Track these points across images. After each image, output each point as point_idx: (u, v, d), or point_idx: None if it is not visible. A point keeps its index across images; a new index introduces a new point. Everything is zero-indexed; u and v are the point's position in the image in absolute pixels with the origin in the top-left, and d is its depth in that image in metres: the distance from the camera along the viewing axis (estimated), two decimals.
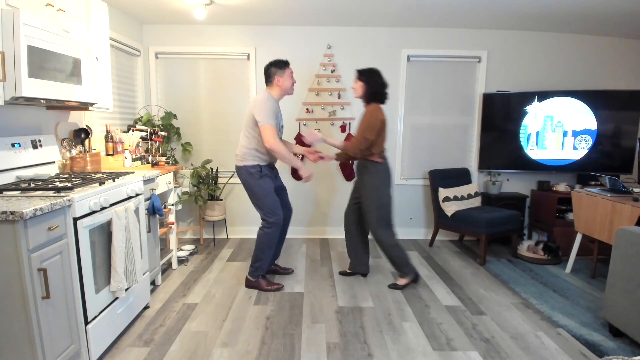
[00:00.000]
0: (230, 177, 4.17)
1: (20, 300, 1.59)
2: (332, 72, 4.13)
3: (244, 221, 4.36)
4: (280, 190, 3.10)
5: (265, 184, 2.89)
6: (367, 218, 3.01)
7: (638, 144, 3.92)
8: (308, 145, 3.46)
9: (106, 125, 3.13)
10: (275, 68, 2.85)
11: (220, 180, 4.16)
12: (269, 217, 2.90)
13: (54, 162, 2.51)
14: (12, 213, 1.52)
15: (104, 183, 2.16)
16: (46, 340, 1.68)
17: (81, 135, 2.82)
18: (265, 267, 3.00)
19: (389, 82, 4.18)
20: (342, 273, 3.30)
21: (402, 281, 3.05)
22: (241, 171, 2.91)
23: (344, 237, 4.38)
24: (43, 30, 1.93)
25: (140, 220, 2.51)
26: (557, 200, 3.90)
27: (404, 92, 4.18)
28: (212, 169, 4.06)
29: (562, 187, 4.07)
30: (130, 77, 3.83)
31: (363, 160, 2.99)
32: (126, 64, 3.73)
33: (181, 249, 3.71)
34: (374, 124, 2.85)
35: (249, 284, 3.01)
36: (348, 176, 4.26)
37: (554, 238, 3.87)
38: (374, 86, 2.93)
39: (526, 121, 4.03)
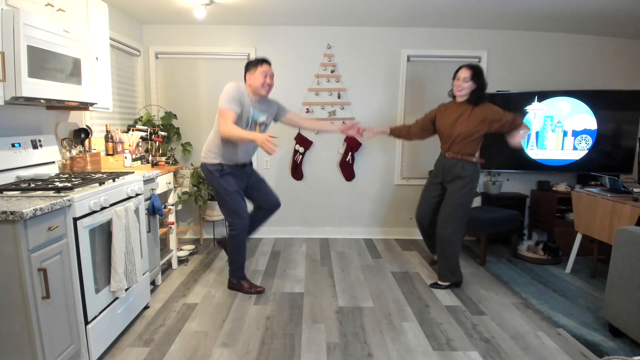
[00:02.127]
0: None
1: (20, 300, 1.59)
2: (332, 72, 4.13)
3: None
4: (257, 185, 2.94)
5: (226, 184, 2.72)
6: (452, 215, 2.94)
7: (638, 144, 3.92)
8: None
9: (106, 125, 3.13)
10: (250, 65, 2.72)
11: None
12: (231, 218, 2.77)
13: (54, 162, 2.51)
14: (12, 213, 1.52)
15: (104, 183, 2.16)
16: (46, 340, 1.68)
17: (81, 135, 2.82)
18: (243, 267, 2.94)
19: (389, 82, 4.22)
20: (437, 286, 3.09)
21: (444, 282, 3.05)
22: (203, 168, 2.78)
23: (343, 237, 4.39)
24: (43, 30, 1.93)
25: (140, 220, 2.51)
26: (557, 200, 3.90)
27: (404, 92, 4.17)
28: None
29: (562, 187, 4.07)
30: (130, 77, 3.83)
31: (460, 161, 2.92)
32: (126, 64, 3.73)
33: (181, 249, 3.71)
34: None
35: (230, 286, 2.98)
36: (348, 176, 4.26)
37: (554, 238, 3.87)
38: (484, 86, 2.89)
39: (526, 121, 4.03)
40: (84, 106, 2.46)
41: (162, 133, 3.57)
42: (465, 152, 2.92)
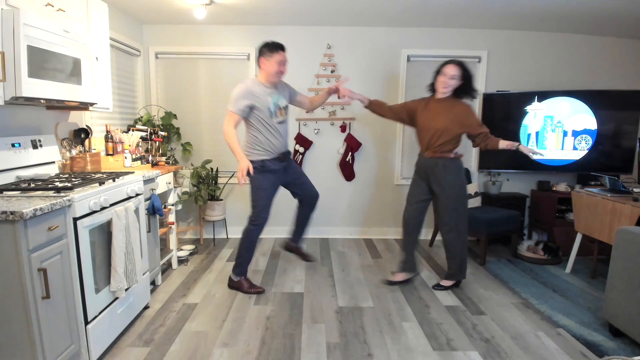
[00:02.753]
0: (230, 177, 4.17)
1: (20, 300, 1.59)
2: (332, 72, 4.13)
3: (244, 221, 4.32)
4: (297, 180, 2.98)
5: (263, 179, 2.78)
6: (452, 215, 2.87)
7: (638, 144, 3.92)
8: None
9: (106, 125, 3.13)
10: (265, 49, 2.74)
11: (220, 180, 4.16)
12: (255, 212, 2.83)
13: (54, 162, 2.51)
14: (12, 213, 1.52)
15: (104, 183, 2.16)
16: (46, 340, 1.68)
17: (81, 135, 2.82)
18: (247, 265, 2.95)
19: (389, 82, 4.22)
20: (392, 283, 3.08)
21: (448, 282, 3.03)
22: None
23: (343, 237, 4.39)
24: (43, 30, 1.93)
25: (140, 220, 2.51)
26: (557, 200, 3.90)
27: (404, 92, 4.17)
28: (212, 169, 4.06)
29: (562, 187, 4.07)
30: (130, 77, 3.82)
31: (441, 159, 2.85)
32: (126, 64, 3.73)
33: (181, 249, 3.71)
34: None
35: (230, 284, 2.98)
36: (348, 176, 4.26)
37: (554, 238, 3.87)
38: (470, 81, 2.84)
39: (526, 121, 4.03)
40: (84, 106, 2.46)
41: (162, 133, 3.57)
42: (444, 150, 2.84)
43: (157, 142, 3.42)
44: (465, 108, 2.84)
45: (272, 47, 2.74)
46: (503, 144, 2.80)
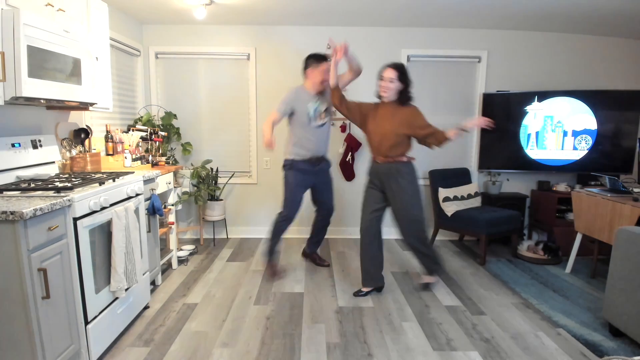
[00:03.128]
0: (230, 177, 4.17)
1: (20, 300, 1.59)
2: None
3: (244, 221, 4.36)
4: (320, 187, 3.26)
5: (290, 177, 3.12)
6: (413, 220, 2.77)
7: (638, 144, 3.92)
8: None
9: (106, 125, 3.13)
10: (312, 60, 3.05)
11: (220, 180, 4.16)
12: (283, 205, 3.16)
13: (54, 162, 2.51)
14: (12, 213, 1.52)
15: (104, 183, 2.16)
16: (46, 340, 1.68)
17: (81, 135, 2.82)
18: (272, 251, 3.23)
19: None
20: (359, 294, 2.92)
21: (431, 278, 3.00)
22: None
23: (343, 237, 4.39)
24: (43, 30, 1.93)
25: (140, 220, 2.51)
26: (557, 200, 3.90)
27: None
28: (212, 169, 4.06)
29: (562, 187, 4.07)
30: (130, 77, 3.83)
31: (394, 164, 2.78)
32: (126, 64, 3.73)
33: (181, 249, 3.71)
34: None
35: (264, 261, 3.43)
36: (348, 176, 4.26)
37: (554, 238, 3.87)
38: (409, 85, 2.78)
39: (526, 121, 4.03)
40: (84, 106, 2.46)
41: (162, 133, 3.57)
42: (395, 153, 2.77)
43: (157, 142, 3.42)
44: (412, 109, 2.77)
45: (318, 59, 3.04)
46: (451, 133, 2.70)
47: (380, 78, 2.78)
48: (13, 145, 2.18)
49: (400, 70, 2.75)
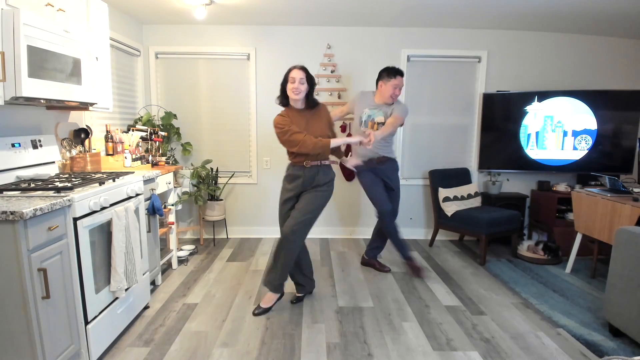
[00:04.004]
0: (230, 177, 4.17)
1: (20, 300, 1.59)
2: (332, 72, 4.13)
3: (244, 221, 4.36)
4: (386, 185, 3.29)
5: (364, 178, 3.23)
6: (306, 216, 2.56)
7: (638, 144, 3.92)
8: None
9: (106, 125, 3.13)
10: (385, 73, 3.11)
11: (220, 180, 4.16)
12: (376, 207, 3.23)
13: (54, 162, 2.51)
14: (12, 213, 1.52)
15: (104, 183, 2.16)
16: (46, 340, 1.68)
17: (81, 135, 2.82)
18: (405, 251, 3.28)
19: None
20: (297, 300, 2.81)
21: (271, 297, 2.67)
22: None
23: (343, 237, 4.39)
24: (43, 30, 1.93)
25: (140, 220, 2.51)
26: (557, 200, 3.90)
27: (404, 92, 4.17)
28: (212, 169, 4.06)
29: (562, 187, 4.07)
30: (130, 77, 3.82)
31: (322, 167, 2.62)
32: (126, 64, 3.73)
33: (181, 249, 3.71)
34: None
35: (363, 262, 3.53)
36: (348, 176, 4.26)
37: (554, 238, 3.86)
38: (314, 86, 2.73)
39: (526, 121, 4.03)
40: (84, 106, 2.46)
41: (162, 133, 3.57)
42: (324, 157, 2.63)
43: (157, 142, 3.42)
44: (324, 109, 2.67)
45: (391, 72, 3.08)
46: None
47: (289, 80, 2.54)
48: (13, 145, 2.18)
49: (307, 72, 2.54)
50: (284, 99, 2.62)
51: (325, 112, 2.69)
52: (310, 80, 2.56)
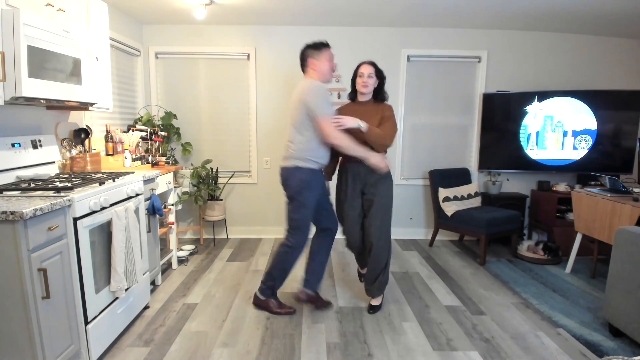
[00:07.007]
0: (230, 177, 4.17)
1: (20, 300, 1.59)
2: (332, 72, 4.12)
3: (244, 221, 4.36)
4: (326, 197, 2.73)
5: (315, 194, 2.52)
6: (381, 227, 2.53)
7: (638, 144, 3.92)
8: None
9: (106, 125, 3.13)
10: (311, 49, 2.45)
11: (220, 180, 4.16)
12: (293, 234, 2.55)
13: (54, 162, 2.51)
14: (12, 213, 1.52)
15: (104, 183, 2.16)
16: (46, 340, 1.68)
17: (81, 135, 2.82)
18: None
19: (389, 82, 4.20)
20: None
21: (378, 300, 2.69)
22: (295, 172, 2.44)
23: (343, 237, 4.37)
24: (43, 30, 1.93)
25: (140, 220, 2.51)
26: (557, 200, 3.90)
27: (404, 92, 4.17)
28: (212, 169, 4.06)
29: (562, 187, 4.07)
30: (130, 77, 3.82)
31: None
32: (126, 64, 3.73)
33: (181, 249, 3.71)
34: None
35: (256, 302, 2.67)
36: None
37: (554, 238, 3.87)
38: (383, 83, 2.61)
39: (526, 121, 4.03)
40: (84, 106, 2.46)
41: (162, 133, 3.57)
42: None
43: (157, 142, 3.42)
44: (390, 108, 2.59)
45: (317, 45, 2.48)
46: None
47: (359, 75, 2.59)
48: (13, 145, 2.18)
49: (376, 66, 2.58)
50: (352, 93, 2.69)
51: (384, 110, 2.52)
52: (380, 74, 2.58)
